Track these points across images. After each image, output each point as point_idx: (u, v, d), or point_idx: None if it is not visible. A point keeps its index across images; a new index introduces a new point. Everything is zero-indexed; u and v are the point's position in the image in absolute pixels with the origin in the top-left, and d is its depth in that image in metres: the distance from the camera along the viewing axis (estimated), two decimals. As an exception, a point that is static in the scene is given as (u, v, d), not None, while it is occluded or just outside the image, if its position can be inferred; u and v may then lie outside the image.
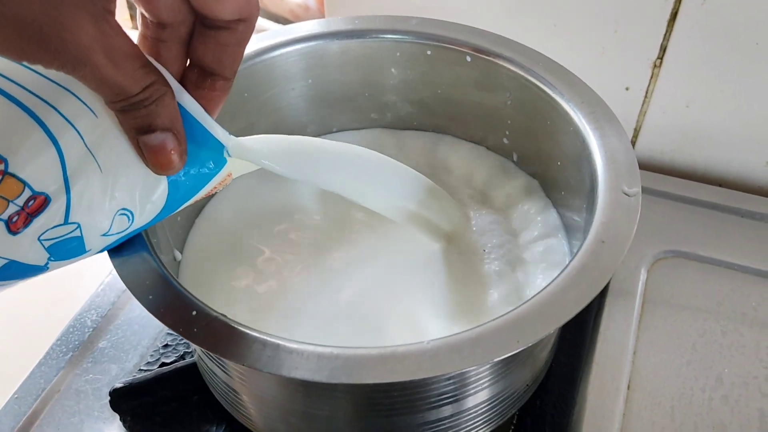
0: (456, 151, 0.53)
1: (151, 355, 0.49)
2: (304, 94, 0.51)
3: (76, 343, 0.51)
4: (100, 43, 0.26)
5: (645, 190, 0.59)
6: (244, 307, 0.43)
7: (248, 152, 0.35)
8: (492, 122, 0.50)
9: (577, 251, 0.35)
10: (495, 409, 0.40)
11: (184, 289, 0.34)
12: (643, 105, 0.62)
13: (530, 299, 0.33)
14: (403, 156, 0.52)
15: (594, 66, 0.61)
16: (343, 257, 0.46)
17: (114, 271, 0.35)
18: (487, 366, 0.36)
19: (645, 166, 0.65)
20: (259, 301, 0.44)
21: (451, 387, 0.36)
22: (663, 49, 0.58)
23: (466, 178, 0.52)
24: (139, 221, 0.33)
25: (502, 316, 0.32)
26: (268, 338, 0.32)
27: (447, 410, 0.37)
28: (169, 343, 0.50)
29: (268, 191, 0.50)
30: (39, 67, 0.26)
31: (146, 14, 0.32)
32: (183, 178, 0.33)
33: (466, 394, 0.37)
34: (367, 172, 0.40)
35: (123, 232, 0.33)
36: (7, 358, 0.53)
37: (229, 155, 0.35)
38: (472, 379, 0.36)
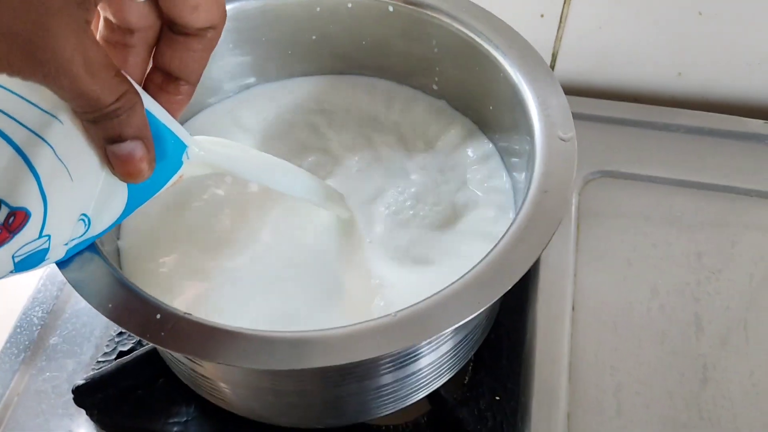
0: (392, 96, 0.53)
1: (107, 345, 0.49)
2: (229, 55, 0.50)
3: (26, 343, 0.50)
4: (80, 54, 0.25)
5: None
6: (191, 289, 0.43)
7: (206, 157, 0.35)
8: (420, 70, 0.50)
9: (522, 203, 0.36)
10: (457, 356, 0.42)
11: (141, 290, 0.34)
12: (558, 30, 0.63)
13: (483, 259, 0.34)
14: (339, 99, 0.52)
15: (509, -5, 0.61)
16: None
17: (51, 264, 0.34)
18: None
19: (564, 89, 0.67)
20: (206, 278, 0.43)
21: (415, 350, 0.37)
22: (574, -26, 0.59)
23: (402, 122, 0.52)
24: (96, 228, 0.33)
25: (460, 279, 0.34)
26: (239, 331, 0.32)
27: (411, 368, 0.39)
28: (123, 331, 0.49)
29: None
30: (8, 80, 0.26)
31: (113, 19, 0.31)
32: (142, 183, 0.32)
33: (429, 351, 0.39)
34: (289, 174, 0.41)
35: (79, 238, 0.33)
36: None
37: (188, 158, 0.34)
38: (435, 341, 0.37)
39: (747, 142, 0.61)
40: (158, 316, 0.33)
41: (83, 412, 0.46)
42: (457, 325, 0.32)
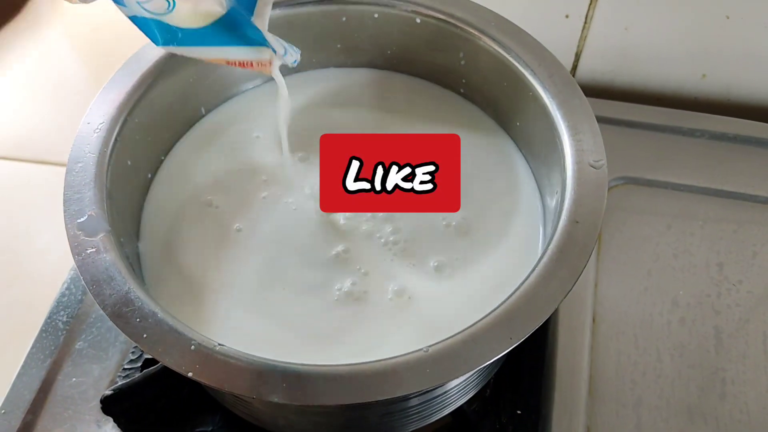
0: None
1: (132, 352, 0.50)
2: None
3: (52, 348, 0.50)
4: None
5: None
6: (212, 292, 0.43)
7: None
8: (446, 81, 0.50)
9: (553, 233, 0.36)
10: (482, 376, 0.43)
11: (174, 319, 0.34)
12: (582, 31, 0.63)
13: (516, 290, 0.34)
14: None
15: (534, -4, 0.60)
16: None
17: (74, 268, 0.35)
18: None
19: (586, 89, 0.66)
20: (221, 279, 0.43)
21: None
22: (601, -25, 0.58)
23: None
24: (173, 18, 0.36)
25: (492, 312, 0.34)
26: (273, 364, 0.32)
27: (438, 391, 0.40)
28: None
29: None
30: None
31: None
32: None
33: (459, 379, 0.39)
34: None
35: (153, 13, 0.35)
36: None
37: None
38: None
39: (770, 149, 0.60)
40: (192, 347, 0.33)
41: (110, 419, 0.47)
42: (489, 362, 0.32)
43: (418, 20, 0.47)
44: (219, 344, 0.33)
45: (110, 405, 0.46)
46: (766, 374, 0.49)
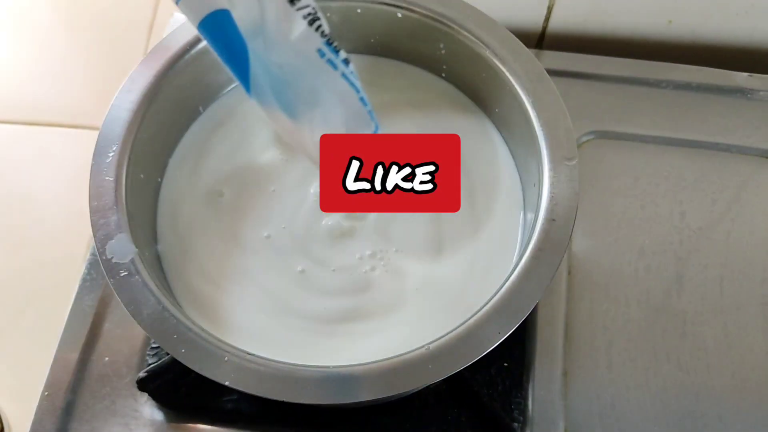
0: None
1: (157, 330, 0.55)
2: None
3: (83, 331, 0.55)
4: None
5: (560, 73, 0.65)
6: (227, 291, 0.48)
7: None
8: (429, 66, 0.53)
9: (532, 232, 0.41)
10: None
11: (207, 332, 0.39)
12: (554, -15, 0.65)
13: (500, 288, 0.40)
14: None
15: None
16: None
17: (94, 250, 0.41)
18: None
19: (560, 41, 0.69)
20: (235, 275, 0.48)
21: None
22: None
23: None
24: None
25: (481, 309, 0.39)
26: (295, 368, 0.38)
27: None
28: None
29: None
30: None
31: None
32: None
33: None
34: None
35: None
36: (21, 356, 0.57)
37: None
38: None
39: (731, 97, 0.64)
40: (226, 358, 0.38)
41: (146, 394, 0.52)
42: (483, 354, 0.38)
43: (399, 14, 0.49)
44: (249, 353, 0.38)
45: (145, 384, 0.51)
46: (722, 314, 0.56)
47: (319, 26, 0.31)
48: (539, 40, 0.70)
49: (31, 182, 0.64)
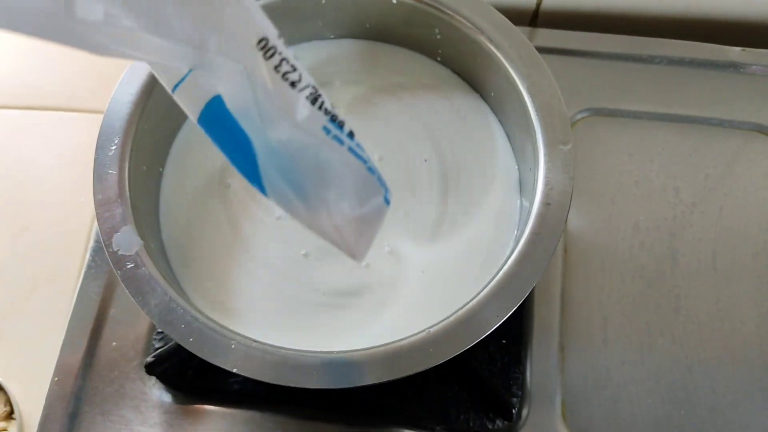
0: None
1: (162, 315, 0.56)
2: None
3: (89, 317, 0.56)
4: None
5: (554, 50, 0.65)
6: (232, 280, 0.49)
7: None
8: (424, 50, 0.53)
9: (528, 216, 0.42)
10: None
11: (213, 320, 0.40)
12: (548, -36, 0.65)
13: (498, 272, 0.41)
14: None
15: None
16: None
17: (98, 237, 0.42)
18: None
19: (554, 19, 0.70)
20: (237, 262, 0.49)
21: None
22: None
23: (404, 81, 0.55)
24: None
25: (481, 292, 0.40)
26: (299, 355, 0.39)
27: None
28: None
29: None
30: None
31: None
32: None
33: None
34: None
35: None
36: (28, 341, 0.59)
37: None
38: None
39: (725, 71, 0.65)
40: (233, 345, 0.39)
41: (154, 377, 0.54)
42: (482, 337, 0.39)
43: (394, 1, 0.49)
44: (255, 341, 0.39)
45: (153, 368, 0.52)
46: (714, 288, 0.57)
47: (322, 104, 0.31)
48: (533, 17, 0.70)
49: (31, 166, 0.64)
